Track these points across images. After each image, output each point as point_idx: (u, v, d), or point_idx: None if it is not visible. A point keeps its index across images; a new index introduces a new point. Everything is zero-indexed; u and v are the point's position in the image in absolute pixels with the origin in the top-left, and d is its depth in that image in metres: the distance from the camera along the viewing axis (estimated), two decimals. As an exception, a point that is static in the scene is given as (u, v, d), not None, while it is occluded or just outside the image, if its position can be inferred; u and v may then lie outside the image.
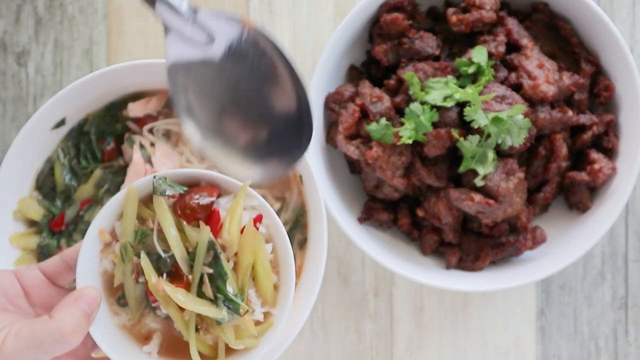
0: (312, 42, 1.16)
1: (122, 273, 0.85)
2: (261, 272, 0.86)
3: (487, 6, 1.04)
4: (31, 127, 1.02)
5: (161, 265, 0.84)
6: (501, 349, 1.16)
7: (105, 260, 0.86)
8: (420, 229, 1.11)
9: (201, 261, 0.83)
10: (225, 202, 0.87)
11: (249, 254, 0.85)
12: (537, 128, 1.03)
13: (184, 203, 0.85)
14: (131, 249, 0.84)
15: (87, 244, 0.85)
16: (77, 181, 1.07)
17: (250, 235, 0.84)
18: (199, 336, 0.85)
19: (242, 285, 0.85)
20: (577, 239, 1.06)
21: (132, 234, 0.85)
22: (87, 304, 0.79)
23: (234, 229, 0.84)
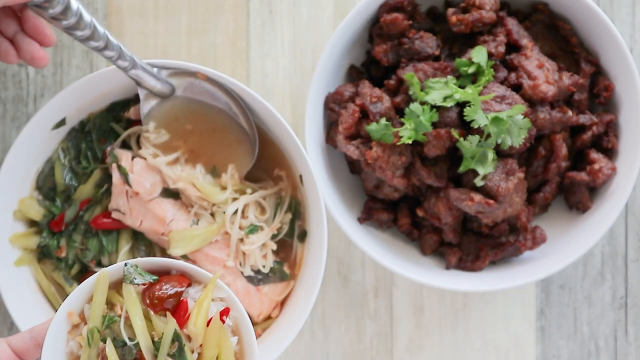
0: (312, 42, 1.16)
1: (87, 357, 0.86)
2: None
3: (487, 6, 1.04)
4: (31, 127, 1.02)
5: (126, 352, 0.85)
6: (501, 349, 1.16)
7: (72, 341, 0.88)
8: (420, 229, 1.11)
9: (166, 352, 0.84)
10: (195, 292, 0.89)
11: (214, 347, 0.86)
12: (537, 128, 1.03)
13: (152, 292, 0.86)
14: (98, 334, 0.86)
15: (55, 325, 0.86)
16: (77, 181, 1.07)
17: (216, 329, 0.86)
18: None
19: None
20: (577, 239, 1.06)
21: (99, 319, 0.86)
22: None
23: (200, 321, 0.86)
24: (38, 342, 0.86)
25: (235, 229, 1.03)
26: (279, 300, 1.07)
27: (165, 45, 1.16)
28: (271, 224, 1.06)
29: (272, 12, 1.16)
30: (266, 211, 1.06)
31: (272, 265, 1.06)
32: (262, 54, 1.16)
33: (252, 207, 1.05)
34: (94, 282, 0.87)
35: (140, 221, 1.03)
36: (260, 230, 1.05)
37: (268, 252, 1.06)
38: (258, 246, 1.04)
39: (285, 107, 1.15)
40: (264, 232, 1.05)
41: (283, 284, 1.07)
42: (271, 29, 1.16)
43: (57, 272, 1.06)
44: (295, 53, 1.16)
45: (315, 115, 1.06)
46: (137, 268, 0.87)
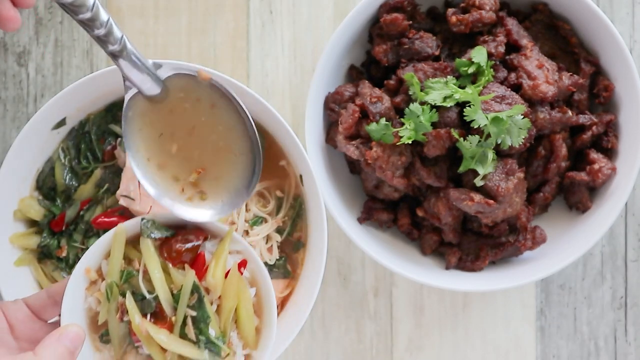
0: (312, 42, 1.16)
1: (106, 311, 0.87)
2: (244, 316, 0.88)
3: (487, 6, 1.04)
4: (31, 127, 1.02)
5: (145, 305, 0.86)
6: (501, 349, 1.16)
7: (91, 297, 0.88)
8: (420, 229, 1.11)
9: (185, 304, 0.85)
10: (211, 245, 0.90)
11: (232, 298, 0.87)
12: (537, 128, 1.03)
13: (170, 246, 0.87)
14: (117, 289, 0.86)
15: (73, 281, 0.87)
16: (78, 181, 1.07)
17: (234, 280, 0.87)
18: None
19: (224, 328, 0.87)
20: (576, 239, 1.06)
21: (118, 274, 0.87)
22: (71, 341, 0.80)
23: (219, 273, 0.87)
24: (55, 300, 0.86)
25: (241, 219, 1.04)
26: (280, 297, 1.07)
27: (165, 45, 1.16)
28: (275, 217, 1.06)
29: (272, 12, 1.16)
30: (269, 202, 1.06)
31: (277, 257, 1.06)
32: (262, 54, 1.16)
33: (255, 199, 1.06)
34: (111, 237, 0.88)
35: (149, 207, 1.03)
36: (264, 222, 1.06)
37: (273, 245, 1.06)
38: (262, 237, 1.05)
39: (285, 107, 1.15)
40: (267, 224, 1.05)
41: (285, 281, 1.07)
42: (271, 29, 1.16)
43: (58, 272, 1.06)
44: (295, 53, 1.16)
45: (315, 115, 1.06)
46: (154, 223, 0.88)
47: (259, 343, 0.91)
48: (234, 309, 0.88)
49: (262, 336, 0.91)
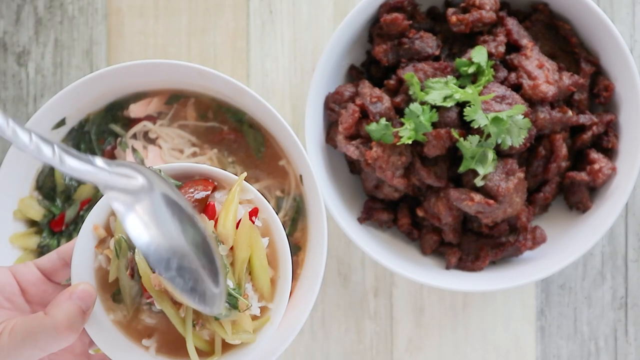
0: (312, 42, 1.16)
1: (116, 269, 0.84)
2: (258, 266, 0.85)
3: (487, 6, 1.04)
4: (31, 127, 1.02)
5: None
6: (501, 349, 1.16)
7: (100, 256, 0.85)
8: (420, 229, 1.11)
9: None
10: (221, 195, 0.86)
11: (245, 248, 0.83)
12: (537, 128, 1.03)
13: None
14: (126, 244, 0.83)
15: (81, 240, 0.84)
16: (77, 181, 1.08)
17: (246, 229, 0.83)
18: (195, 332, 0.84)
19: (239, 280, 0.84)
20: (577, 239, 1.06)
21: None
22: (82, 300, 0.78)
23: (230, 222, 0.83)
24: (66, 261, 0.85)
25: None
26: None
27: (165, 45, 1.16)
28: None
29: (272, 12, 1.16)
30: (269, 202, 1.06)
31: None
32: (262, 54, 1.16)
33: None
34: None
35: None
36: None
37: None
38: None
39: (285, 107, 1.15)
40: None
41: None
42: (271, 29, 1.16)
43: (57, 272, 1.07)
44: (295, 53, 1.16)
45: (315, 115, 1.06)
46: (160, 172, 0.84)
47: (274, 295, 0.87)
48: (248, 259, 0.84)
49: (278, 288, 0.87)
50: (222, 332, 0.83)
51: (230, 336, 0.84)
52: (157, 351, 0.86)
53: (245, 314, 0.84)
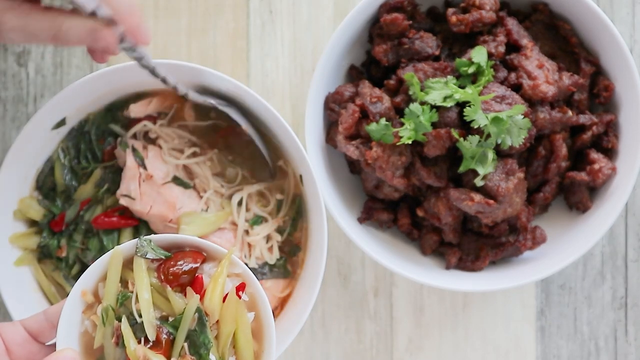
0: (312, 42, 1.16)
1: (102, 336, 0.85)
2: (242, 341, 0.86)
3: (487, 6, 1.04)
4: (31, 127, 1.02)
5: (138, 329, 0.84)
6: (501, 349, 1.16)
7: (87, 321, 0.86)
8: (420, 229, 1.11)
9: (187, 328, 0.83)
10: (209, 267, 0.88)
11: (231, 323, 0.85)
12: (537, 128, 1.03)
13: (167, 268, 0.85)
14: (112, 313, 0.84)
15: (69, 304, 0.85)
16: (77, 181, 1.08)
17: (232, 304, 0.85)
18: None
19: (222, 354, 0.85)
20: (577, 239, 1.06)
21: (114, 297, 0.85)
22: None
23: (217, 297, 0.84)
24: (53, 323, 0.85)
25: (242, 219, 1.04)
26: (280, 296, 1.07)
27: (165, 45, 1.16)
28: (275, 216, 1.06)
29: (272, 12, 1.16)
30: (269, 202, 1.06)
31: (277, 257, 1.06)
32: (262, 54, 1.16)
33: (255, 199, 1.06)
34: (107, 260, 0.85)
35: (149, 206, 1.03)
36: (265, 221, 1.06)
37: (274, 245, 1.06)
38: (263, 237, 1.05)
39: (285, 107, 1.15)
40: (268, 224, 1.05)
41: (285, 281, 1.07)
42: (271, 29, 1.16)
43: (58, 272, 1.06)
44: (295, 53, 1.16)
45: (315, 115, 1.06)
46: (150, 242, 0.86)
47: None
48: (232, 333, 0.86)
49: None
50: None
51: None
52: None
53: None
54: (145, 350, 0.82)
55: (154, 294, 0.85)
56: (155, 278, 0.85)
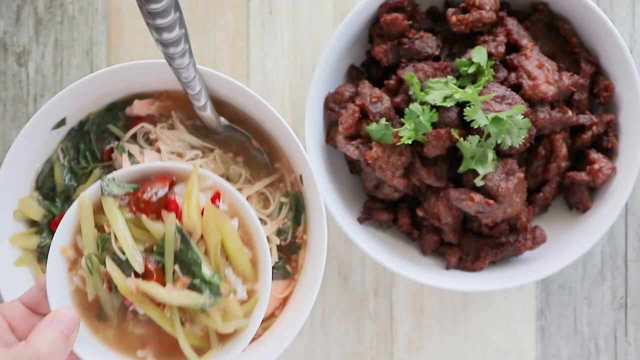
0: (312, 42, 1.16)
1: (93, 286, 0.83)
2: (232, 249, 0.84)
3: (487, 6, 1.04)
4: (31, 127, 1.02)
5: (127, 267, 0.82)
6: (501, 349, 1.16)
7: (75, 278, 0.85)
8: (420, 229, 1.11)
9: (172, 249, 0.81)
10: (180, 189, 0.85)
11: (215, 233, 0.82)
12: (537, 128, 1.03)
13: (137, 199, 0.83)
14: (96, 259, 0.82)
15: (52, 265, 0.83)
16: (77, 181, 1.08)
17: (211, 214, 0.82)
18: (187, 329, 0.83)
19: (216, 266, 0.83)
20: (577, 239, 1.06)
21: (93, 244, 0.83)
22: (64, 323, 0.77)
23: (193, 212, 0.82)
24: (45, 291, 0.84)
25: None
26: (280, 297, 1.07)
27: (165, 45, 1.16)
28: (275, 218, 1.06)
29: (272, 12, 1.16)
30: (270, 203, 1.06)
31: (276, 259, 1.06)
32: (262, 54, 1.16)
33: (255, 200, 1.06)
34: (76, 209, 0.83)
35: None
36: (264, 224, 1.05)
37: (273, 247, 1.06)
38: None
39: (285, 107, 1.15)
40: (267, 226, 1.05)
41: (285, 281, 1.07)
42: (271, 29, 1.16)
43: (57, 272, 1.07)
44: (295, 53, 1.16)
45: (315, 115, 1.06)
46: (113, 180, 0.84)
47: (258, 275, 0.86)
48: (220, 244, 0.82)
49: (260, 267, 0.86)
50: (212, 322, 0.82)
51: (222, 325, 0.82)
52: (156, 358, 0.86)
53: (232, 299, 0.82)
54: (137, 281, 0.80)
55: (131, 228, 0.82)
56: (128, 212, 0.83)
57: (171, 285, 0.81)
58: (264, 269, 0.86)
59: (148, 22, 0.78)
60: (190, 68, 0.88)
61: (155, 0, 0.75)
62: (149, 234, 0.82)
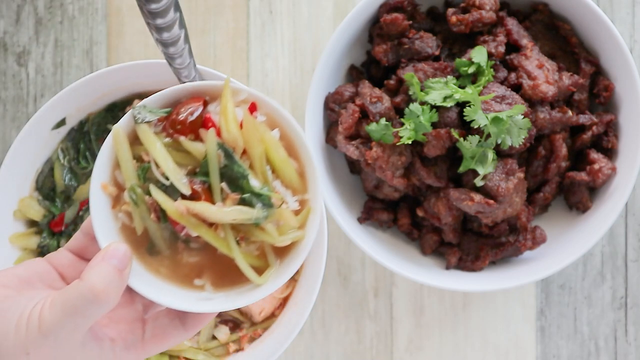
0: (312, 42, 1.16)
1: (140, 218, 0.79)
2: (277, 160, 0.80)
3: (487, 6, 1.04)
4: (31, 127, 1.02)
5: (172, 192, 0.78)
6: (501, 349, 1.16)
7: (120, 214, 0.81)
8: (420, 229, 1.11)
9: (216, 166, 0.77)
10: (215, 106, 0.82)
11: (257, 144, 0.79)
12: (537, 128, 1.03)
13: (173, 121, 0.80)
14: (140, 190, 0.79)
15: (94, 205, 0.79)
16: (77, 181, 1.08)
17: (251, 125, 0.78)
18: (242, 248, 0.79)
19: (264, 178, 0.79)
20: (577, 239, 1.06)
21: (134, 175, 0.79)
22: (118, 259, 0.74)
23: (232, 126, 0.78)
24: (92, 235, 0.80)
25: None
26: (280, 297, 1.07)
27: (165, 45, 1.16)
28: None
29: (272, 12, 1.16)
30: None
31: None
32: (262, 54, 1.16)
33: None
34: (111, 143, 0.80)
35: None
36: None
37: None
38: None
39: (285, 107, 1.15)
40: None
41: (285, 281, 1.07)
42: (271, 29, 1.16)
43: (57, 272, 1.06)
44: (295, 53, 1.16)
45: (315, 115, 1.06)
46: (145, 107, 0.81)
47: (307, 184, 0.82)
48: (264, 155, 0.79)
49: (308, 176, 0.82)
50: (268, 236, 0.79)
51: (278, 238, 0.79)
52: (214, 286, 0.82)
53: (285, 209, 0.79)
54: (186, 202, 0.77)
55: (171, 152, 0.79)
56: (165, 137, 0.80)
57: (221, 203, 0.78)
58: (312, 178, 0.81)
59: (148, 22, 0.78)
60: (190, 68, 0.88)
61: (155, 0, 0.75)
62: (189, 156, 0.79)
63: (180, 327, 0.80)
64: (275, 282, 0.80)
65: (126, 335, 0.78)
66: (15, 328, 0.70)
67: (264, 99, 0.81)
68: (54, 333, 0.70)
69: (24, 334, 0.70)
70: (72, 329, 0.71)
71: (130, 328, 0.79)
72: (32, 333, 0.70)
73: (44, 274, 0.79)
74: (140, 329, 0.79)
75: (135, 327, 0.79)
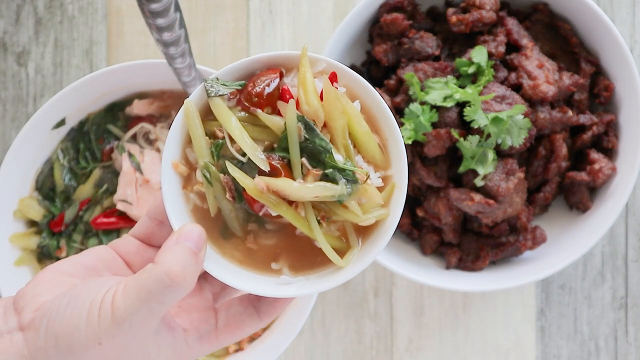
0: (312, 42, 1.16)
1: (214, 198, 0.74)
2: (360, 133, 0.75)
3: (487, 6, 1.04)
4: (31, 127, 1.02)
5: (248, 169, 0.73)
6: (501, 349, 1.16)
7: (192, 195, 0.76)
8: (420, 229, 1.11)
9: (296, 140, 0.72)
10: (291, 78, 0.77)
11: (339, 116, 0.73)
12: (537, 128, 1.03)
13: (248, 94, 0.74)
14: (213, 168, 0.74)
15: (166, 186, 0.74)
16: (77, 181, 1.08)
17: (332, 96, 0.73)
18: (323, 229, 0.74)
19: (346, 152, 0.74)
20: (577, 239, 1.06)
21: (207, 152, 0.74)
22: (192, 241, 0.70)
23: (312, 97, 0.73)
24: (158, 220, 0.77)
25: None
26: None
27: (165, 45, 1.16)
28: None
29: (272, 12, 1.16)
30: None
31: None
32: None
33: None
34: (182, 118, 0.75)
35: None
36: None
37: None
38: None
39: (285, 107, 1.15)
40: None
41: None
42: (271, 29, 1.16)
43: (57, 272, 1.06)
44: (295, 53, 1.16)
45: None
46: (217, 80, 0.75)
47: (390, 159, 0.76)
48: (347, 128, 0.74)
49: (391, 150, 0.76)
50: (352, 215, 0.73)
51: (362, 216, 0.74)
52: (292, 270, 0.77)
53: (369, 185, 0.74)
54: (266, 179, 0.71)
55: (246, 127, 0.73)
56: (240, 111, 0.74)
57: (301, 180, 0.72)
58: (395, 152, 0.76)
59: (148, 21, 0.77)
60: (190, 68, 0.88)
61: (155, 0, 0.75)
62: (267, 131, 0.74)
63: (255, 315, 0.76)
64: (358, 265, 0.74)
65: (199, 324, 0.74)
66: (86, 317, 0.67)
67: (344, 69, 0.76)
68: (128, 320, 0.66)
69: (96, 323, 0.66)
70: (147, 316, 0.67)
71: (203, 317, 0.75)
72: (105, 321, 0.66)
73: (109, 262, 0.75)
74: (213, 318, 0.75)
75: (208, 316, 0.75)
